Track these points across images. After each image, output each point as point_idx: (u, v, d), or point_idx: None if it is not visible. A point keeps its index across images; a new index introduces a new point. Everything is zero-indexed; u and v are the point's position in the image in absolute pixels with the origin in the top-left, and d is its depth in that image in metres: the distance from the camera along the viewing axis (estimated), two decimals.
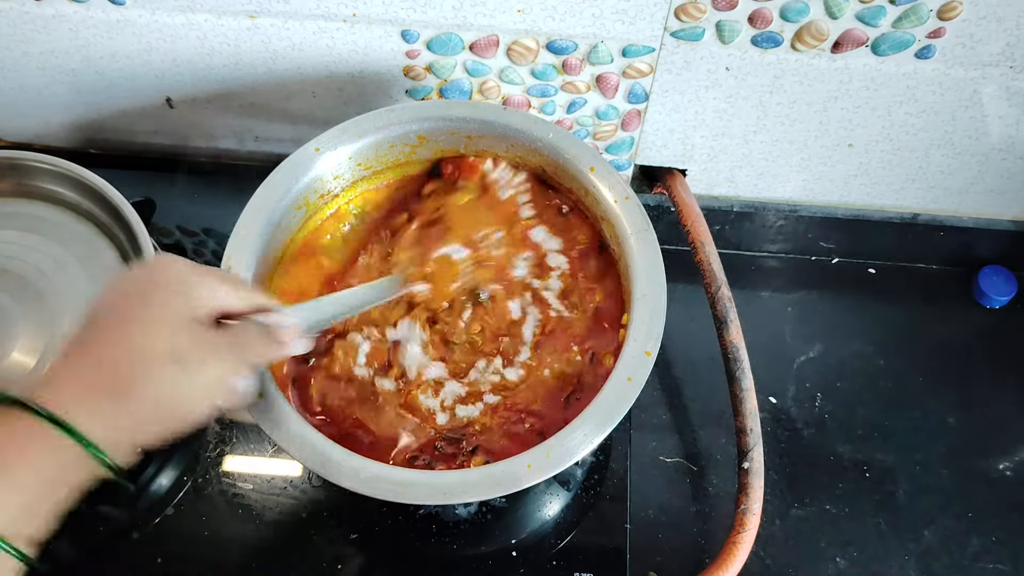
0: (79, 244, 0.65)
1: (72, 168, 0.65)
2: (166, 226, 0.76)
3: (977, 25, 0.57)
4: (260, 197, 0.57)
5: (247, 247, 0.55)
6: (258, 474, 0.64)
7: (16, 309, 0.62)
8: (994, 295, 0.76)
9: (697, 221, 0.68)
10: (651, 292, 0.53)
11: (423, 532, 0.62)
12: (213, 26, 0.64)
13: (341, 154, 0.60)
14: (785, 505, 0.66)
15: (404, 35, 0.63)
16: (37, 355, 0.60)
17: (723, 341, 0.63)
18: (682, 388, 0.71)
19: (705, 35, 0.60)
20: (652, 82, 0.65)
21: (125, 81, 0.71)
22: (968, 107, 0.64)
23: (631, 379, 0.50)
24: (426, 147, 0.62)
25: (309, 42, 0.65)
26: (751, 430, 0.60)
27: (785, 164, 0.72)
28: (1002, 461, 0.68)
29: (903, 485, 0.67)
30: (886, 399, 0.71)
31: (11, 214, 0.67)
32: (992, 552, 0.64)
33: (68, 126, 0.78)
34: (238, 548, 0.61)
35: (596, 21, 0.60)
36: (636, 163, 0.74)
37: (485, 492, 0.47)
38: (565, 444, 0.48)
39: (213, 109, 0.73)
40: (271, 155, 0.77)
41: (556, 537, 0.61)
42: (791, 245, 0.79)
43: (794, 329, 0.75)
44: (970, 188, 0.73)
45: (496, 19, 0.61)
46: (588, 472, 0.64)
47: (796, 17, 0.58)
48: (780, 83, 0.63)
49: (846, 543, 0.64)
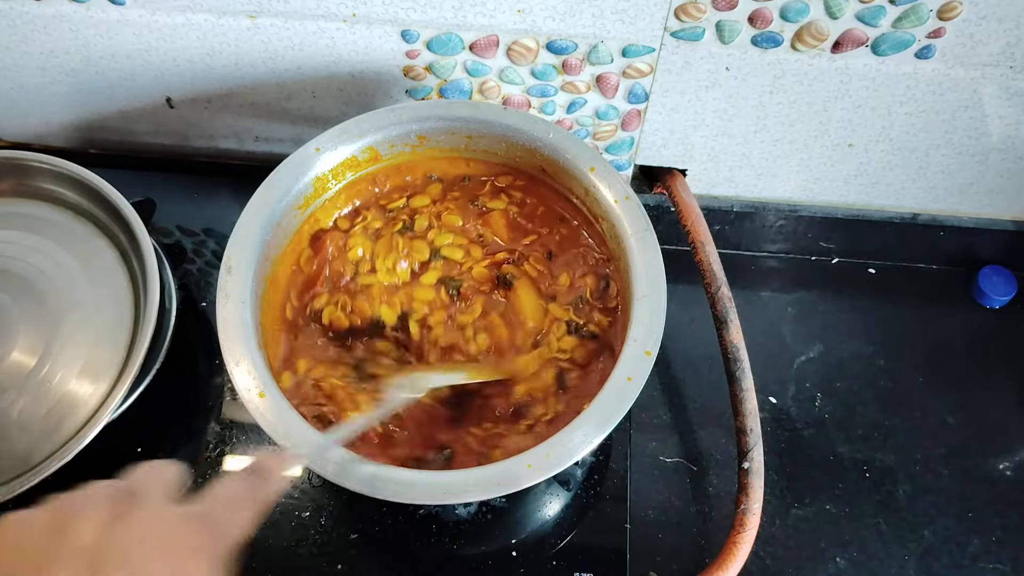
0: (79, 244, 0.65)
1: (72, 168, 0.65)
2: (166, 226, 0.76)
3: (977, 25, 0.57)
4: (260, 197, 0.57)
5: (247, 247, 0.55)
6: None
7: (16, 309, 0.62)
8: (994, 295, 0.76)
9: (697, 221, 0.68)
10: (651, 292, 0.53)
11: (423, 532, 0.62)
12: (213, 26, 0.64)
13: (341, 154, 0.60)
14: (785, 505, 0.66)
15: (404, 35, 0.63)
16: (37, 355, 0.60)
17: (723, 341, 0.63)
18: (682, 388, 0.71)
19: (705, 35, 0.60)
20: (652, 82, 0.65)
21: (125, 81, 0.71)
22: (968, 107, 0.64)
23: (631, 379, 0.50)
24: (427, 148, 0.62)
25: (309, 42, 0.65)
26: (751, 430, 0.60)
27: (785, 164, 0.72)
28: (1002, 461, 0.68)
29: (903, 485, 0.67)
30: (886, 399, 0.71)
31: (11, 214, 0.67)
32: (992, 552, 0.64)
33: (68, 126, 0.78)
34: (238, 548, 0.61)
35: (596, 21, 0.60)
36: (636, 163, 0.74)
37: (485, 492, 0.47)
38: (565, 444, 0.48)
39: (213, 109, 0.73)
40: (271, 155, 0.77)
41: (556, 537, 0.61)
42: (791, 245, 0.79)
43: (794, 329, 0.75)
44: (970, 188, 0.73)
45: (496, 19, 0.61)
46: (588, 472, 0.64)
47: (796, 17, 0.58)
48: (780, 83, 0.63)
49: (846, 543, 0.64)
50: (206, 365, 0.69)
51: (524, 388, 0.56)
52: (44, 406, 0.59)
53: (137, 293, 0.64)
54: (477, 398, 0.57)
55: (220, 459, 0.64)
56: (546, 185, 0.63)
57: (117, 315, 0.63)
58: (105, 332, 0.62)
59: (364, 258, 0.60)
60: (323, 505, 0.62)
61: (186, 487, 0.37)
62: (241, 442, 0.65)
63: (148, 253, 0.62)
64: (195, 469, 0.64)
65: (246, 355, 0.51)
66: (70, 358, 0.60)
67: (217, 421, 0.66)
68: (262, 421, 0.49)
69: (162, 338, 0.63)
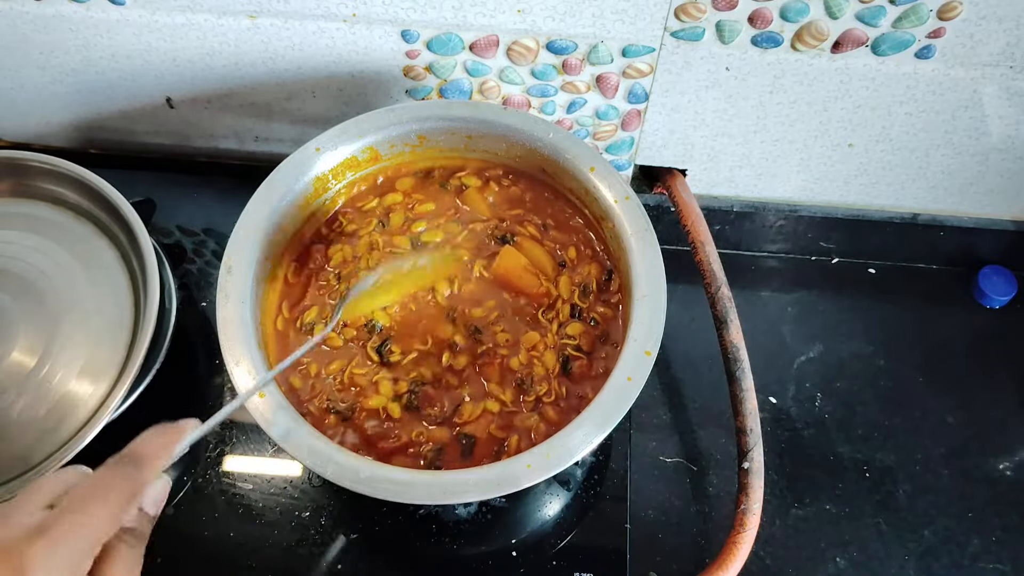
0: (79, 244, 0.65)
1: (72, 168, 0.65)
2: (166, 226, 0.76)
3: (977, 25, 0.57)
4: (260, 197, 0.57)
5: (247, 247, 0.55)
6: (258, 474, 0.64)
7: (16, 309, 0.62)
8: (994, 295, 0.76)
9: (697, 221, 0.68)
10: (651, 292, 0.53)
11: (423, 532, 0.62)
12: (213, 26, 0.64)
13: (341, 154, 0.60)
14: (785, 505, 0.66)
15: (404, 35, 0.63)
16: (37, 355, 0.60)
17: (723, 341, 0.63)
18: (682, 388, 0.71)
19: (705, 35, 0.60)
20: (652, 82, 0.65)
21: (125, 81, 0.71)
22: (968, 107, 0.64)
23: (631, 379, 0.50)
24: (427, 147, 0.62)
25: (309, 42, 0.65)
26: (751, 430, 0.60)
27: (785, 164, 0.72)
28: (1002, 461, 0.68)
29: (903, 485, 0.67)
30: (886, 399, 0.71)
31: (11, 214, 0.67)
32: (992, 552, 0.64)
33: (68, 126, 0.78)
34: (238, 548, 0.61)
35: (596, 21, 0.60)
36: (636, 163, 0.74)
37: (485, 492, 0.47)
38: (565, 444, 0.48)
39: (213, 109, 0.73)
40: (271, 155, 0.77)
41: (556, 537, 0.61)
42: (791, 245, 0.79)
43: (794, 329, 0.75)
44: (970, 188, 0.73)
45: (496, 19, 0.60)
46: (588, 472, 0.64)
47: (796, 17, 0.58)
48: (780, 83, 0.63)
49: (846, 543, 0.64)
50: (206, 365, 0.69)
51: (525, 357, 0.57)
52: (44, 406, 0.59)
53: (137, 293, 0.64)
54: (483, 358, 0.57)
55: (220, 459, 0.64)
56: (546, 185, 0.63)
57: (117, 315, 0.63)
58: (105, 332, 0.62)
59: (346, 262, 0.60)
60: (323, 505, 0.62)
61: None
62: (241, 442, 0.65)
63: (148, 253, 0.62)
64: (195, 470, 0.64)
65: (246, 355, 0.51)
66: (70, 358, 0.60)
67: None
68: (262, 421, 0.49)
69: (162, 338, 0.63)
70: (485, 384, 0.56)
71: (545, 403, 0.55)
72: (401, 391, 0.56)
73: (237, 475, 0.64)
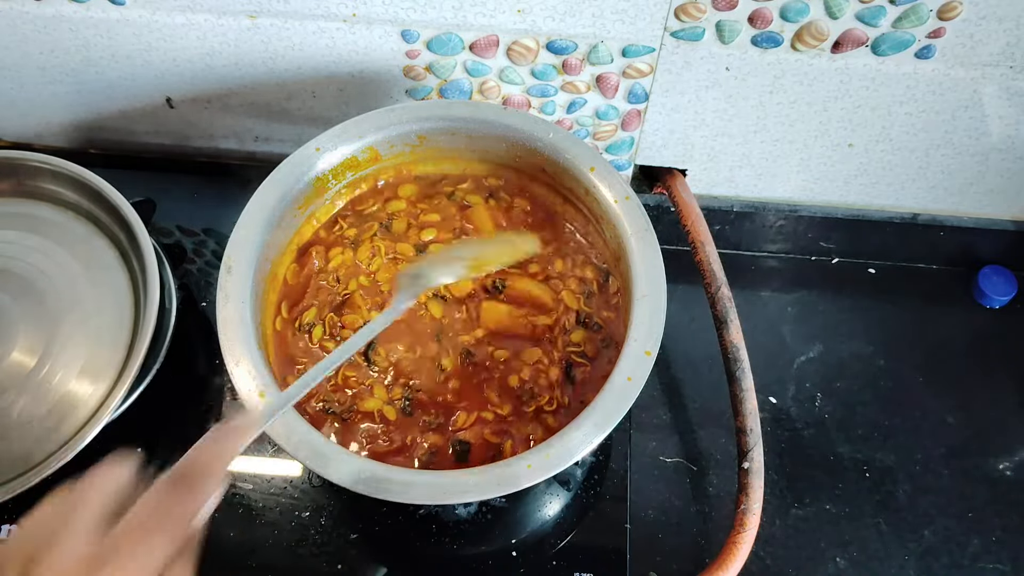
0: (79, 244, 0.65)
1: (72, 168, 0.65)
2: (166, 226, 0.76)
3: (977, 25, 0.57)
4: (260, 197, 0.57)
5: (247, 247, 0.55)
6: (258, 474, 0.64)
7: (16, 309, 0.62)
8: (994, 295, 0.76)
9: (697, 221, 0.68)
10: (651, 292, 0.53)
11: (423, 532, 0.62)
12: (213, 26, 0.64)
13: (341, 154, 0.60)
14: (785, 505, 0.66)
15: (404, 35, 0.63)
16: (37, 355, 0.60)
17: (723, 341, 0.63)
18: (682, 388, 0.71)
19: (705, 35, 0.60)
20: (652, 82, 0.65)
21: (125, 81, 0.71)
22: (968, 107, 0.64)
23: (631, 379, 0.50)
24: (427, 148, 0.62)
25: (309, 42, 0.65)
26: (751, 430, 0.60)
27: (785, 164, 0.72)
28: (1002, 461, 0.68)
29: (903, 485, 0.67)
30: (886, 399, 0.71)
31: (11, 214, 0.67)
32: (992, 552, 0.64)
33: (68, 126, 0.78)
34: (238, 548, 0.61)
35: (596, 21, 0.60)
36: (636, 163, 0.74)
37: (485, 492, 0.47)
38: (565, 444, 0.48)
39: (213, 109, 0.73)
40: (271, 155, 0.77)
41: (556, 537, 0.61)
42: (791, 245, 0.79)
43: (794, 329, 0.75)
44: (970, 188, 0.73)
45: (496, 19, 0.60)
46: (588, 472, 0.64)
47: (796, 17, 0.58)
48: (780, 83, 0.63)
49: (846, 543, 0.64)
50: (206, 365, 0.69)
51: (528, 372, 0.56)
52: (44, 406, 0.59)
53: (137, 293, 0.64)
54: (482, 371, 0.57)
55: None
56: (545, 185, 0.63)
57: (117, 315, 0.63)
58: (105, 332, 0.62)
59: (346, 265, 0.60)
60: (323, 505, 0.62)
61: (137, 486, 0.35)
62: None
63: (148, 253, 0.62)
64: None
65: (246, 355, 0.51)
66: (70, 358, 0.60)
67: (217, 421, 0.66)
68: None
69: (162, 338, 0.63)
70: (483, 390, 0.56)
71: (546, 411, 0.55)
72: (395, 396, 0.56)
73: (237, 475, 0.63)
